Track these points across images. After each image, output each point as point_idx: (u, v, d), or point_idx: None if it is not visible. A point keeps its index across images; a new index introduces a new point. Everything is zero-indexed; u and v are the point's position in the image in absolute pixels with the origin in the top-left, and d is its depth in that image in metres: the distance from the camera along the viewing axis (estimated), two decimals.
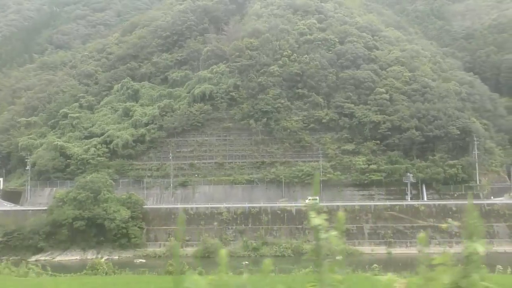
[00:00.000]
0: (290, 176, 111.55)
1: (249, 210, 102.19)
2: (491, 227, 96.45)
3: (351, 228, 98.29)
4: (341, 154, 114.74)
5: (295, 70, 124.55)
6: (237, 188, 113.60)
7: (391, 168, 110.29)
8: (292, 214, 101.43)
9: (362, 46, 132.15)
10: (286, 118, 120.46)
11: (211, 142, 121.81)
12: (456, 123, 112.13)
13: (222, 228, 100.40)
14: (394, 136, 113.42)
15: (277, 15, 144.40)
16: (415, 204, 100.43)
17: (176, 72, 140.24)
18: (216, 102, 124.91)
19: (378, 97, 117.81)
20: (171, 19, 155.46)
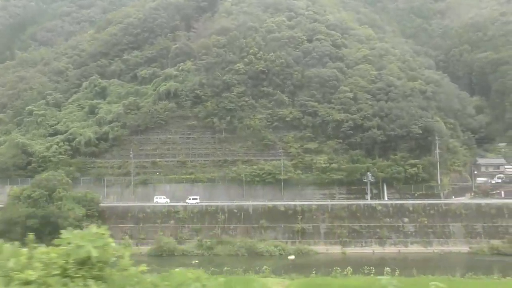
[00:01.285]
0: (251, 175, 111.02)
1: (206, 208, 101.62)
2: (447, 227, 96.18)
3: (307, 228, 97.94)
4: (304, 152, 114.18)
5: (261, 68, 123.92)
6: (198, 186, 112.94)
7: (352, 167, 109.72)
8: (249, 213, 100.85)
9: (330, 44, 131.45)
10: (250, 116, 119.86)
11: (174, 140, 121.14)
12: (418, 122, 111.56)
13: (178, 226, 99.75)
14: (356, 135, 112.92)
15: (247, 12, 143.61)
16: (372, 204, 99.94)
17: (145, 69, 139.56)
18: (181, 100, 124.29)
19: (342, 95, 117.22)
20: (142, 16, 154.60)
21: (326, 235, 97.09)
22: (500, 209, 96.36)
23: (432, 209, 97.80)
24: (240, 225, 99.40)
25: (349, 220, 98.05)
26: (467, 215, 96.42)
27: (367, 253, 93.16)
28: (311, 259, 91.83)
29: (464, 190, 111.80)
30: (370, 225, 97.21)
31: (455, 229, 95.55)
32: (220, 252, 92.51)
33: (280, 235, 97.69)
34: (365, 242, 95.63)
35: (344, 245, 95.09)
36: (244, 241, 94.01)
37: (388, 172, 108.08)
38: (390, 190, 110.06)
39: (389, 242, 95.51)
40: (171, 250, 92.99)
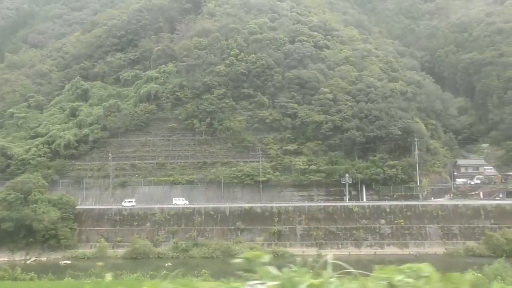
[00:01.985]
0: (229, 177, 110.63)
1: (182, 211, 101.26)
2: (424, 228, 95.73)
3: (284, 230, 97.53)
4: (283, 154, 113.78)
5: (241, 69, 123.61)
6: (176, 188, 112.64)
7: (331, 168, 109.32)
8: (225, 215, 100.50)
9: (312, 46, 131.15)
10: (230, 118, 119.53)
11: (154, 143, 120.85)
12: (398, 123, 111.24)
13: (155, 229, 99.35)
14: (335, 136, 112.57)
15: (230, 14, 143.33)
16: (349, 205, 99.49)
17: (128, 71, 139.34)
18: (162, 102, 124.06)
19: (322, 97, 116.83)
20: (126, 18, 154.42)
21: (302, 237, 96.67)
22: (477, 210, 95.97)
23: (409, 210, 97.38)
24: (217, 227, 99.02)
25: (326, 221, 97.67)
26: (444, 216, 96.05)
27: (343, 255, 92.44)
28: (287, 261, 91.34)
29: (444, 191, 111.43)
30: (346, 226, 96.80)
31: (431, 231, 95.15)
32: (196, 255, 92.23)
33: (256, 237, 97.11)
34: (341, 244, 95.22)
35: (320, 246, 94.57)
36: (220, 244, 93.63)
37: (367, 174, 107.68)
38: (369, 192, 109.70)
39: (365, 243, 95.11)
40: (147, 253, 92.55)
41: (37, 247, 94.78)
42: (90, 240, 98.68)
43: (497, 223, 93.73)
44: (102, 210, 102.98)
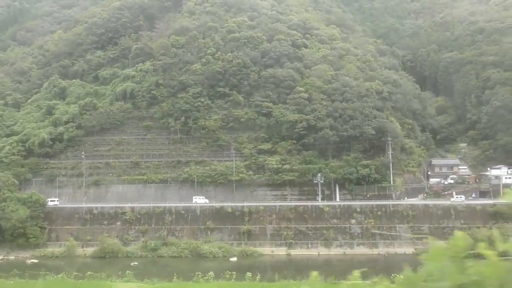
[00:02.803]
0: (203, 176, 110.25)
1: (153, 210, 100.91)
2: (394, 228, 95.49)
3: (254, 229, 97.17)
4: (257, 153, 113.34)
5: (217, 68, 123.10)
6: (150, 187, 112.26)
7: (304, 168, 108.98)
8: (196, 214, 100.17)
9: (290, 45, 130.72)
10: (206, 117, 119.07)
11: (129, 141, 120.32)
12: (372, 122, 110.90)
13: (125, 228, 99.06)
14: (309, 136, 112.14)
15: (210, 12, 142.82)
16: (319, 205, 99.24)
17: (106, 70, 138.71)
18: (137, 100, 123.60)
19: (297, 96, 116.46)
20: (107, 16, 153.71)
21: (272, 236, 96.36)
22: (447, 210, 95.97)
23: (380, 210, 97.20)
24: (187, 226, 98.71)
25: (296, 221, 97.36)
26: (414, 216, 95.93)
27: (313, 255, 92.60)
28: (254, 261, 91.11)
29: (418, 191, 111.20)
30: (317, 226, 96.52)
31: (401, 231, 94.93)
32: (164, 254, 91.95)
33: (226, 236, 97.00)
34: (311, 244, 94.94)
35: (290, 246, 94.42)
36: (189, 243, 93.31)
37: (340, 173, 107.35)
38: (343, 191, 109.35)
39: (335, 243, 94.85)
40: (115, 252, 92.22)
41: (6, 246, 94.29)
42: (60, 239, 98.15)
43: (467, 223, 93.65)
44: (73, 209, 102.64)
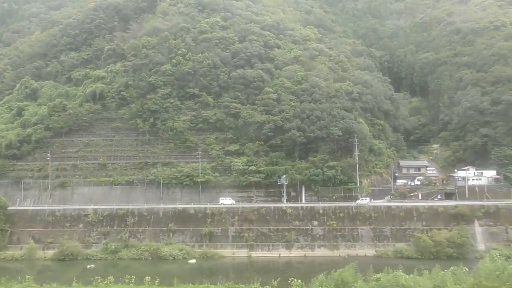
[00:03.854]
0: (169, 177, 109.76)
1: (116, 211, 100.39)
2: (356, 230, 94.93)
3: (216, 231, 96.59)
4: (225, 155, 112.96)
5: (187, 69, 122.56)
6: (116, 189, 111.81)
7: (270, 169, 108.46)
8: (159, 216, 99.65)
9: (262, 45, 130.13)
10: (174, 118, 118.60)
11: (97, 143, 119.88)
12: (339, 123, 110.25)
13: (87, 230, 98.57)
14: (277, 137, 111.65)
15: (183, 13, 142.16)
16: (282, 207, 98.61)
17: (79, 71, 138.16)
18: (107, 101, 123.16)
19: (266, 96, 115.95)
20: (81, 17, 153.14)
21: (234, 238, 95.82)
22: (409, 212, 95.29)
23: (342, 212, 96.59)
24: (149, 228, 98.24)
25: (259, 223, 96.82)
26: (377, 218, 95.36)
27: (274, 257, 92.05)
28: (213, 263, 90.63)
29: (384, 192, 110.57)
30: (279, 228, 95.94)
31: (363, 232, 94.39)
32: (125, 256, 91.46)
33: (188, 238, 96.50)
34: (272, 246, 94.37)
35: (251, 248, 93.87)
36: (149, 245, 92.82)
37: (306, 174, 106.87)
38: (308, 193, 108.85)
39: (296, 245, 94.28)
40: (75, 254, 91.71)
41: None
42: (21, 242, 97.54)
43: (429, 225, 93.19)
44: (35, 211, 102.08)
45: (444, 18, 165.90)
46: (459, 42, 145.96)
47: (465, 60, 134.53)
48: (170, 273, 79.02)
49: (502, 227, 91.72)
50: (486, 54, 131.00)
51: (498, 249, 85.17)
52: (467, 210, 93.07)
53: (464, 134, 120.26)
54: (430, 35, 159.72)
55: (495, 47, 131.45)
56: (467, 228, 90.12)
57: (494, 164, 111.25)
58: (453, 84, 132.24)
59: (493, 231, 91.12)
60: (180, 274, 77.79)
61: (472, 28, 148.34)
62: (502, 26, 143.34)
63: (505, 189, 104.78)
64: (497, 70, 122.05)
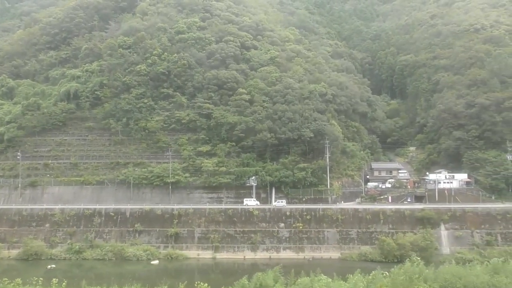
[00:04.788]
0: (139, 178, 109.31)
1: (83, 211, 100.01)
2: (322, 232, 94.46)
3: (182, 232, 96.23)
4: (197, 155, 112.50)
5: (161, 69, 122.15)
6: (86, 189, 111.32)
7: (241, 170, 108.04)
8: (125, 216, 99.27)
9: (238, 46, 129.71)
10: (148, 118, 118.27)
11: (70, 142, 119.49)
12: (311, 125, 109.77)
13: (53, 230, 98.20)
14: (248, 138, 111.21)
15: (162, 13, 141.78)
16: (249, 208, 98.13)
17: (57, 70, 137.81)
18: (81, 101, 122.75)
19: (239, 97, 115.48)
20: (61, 16, 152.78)
21: (200, 239, 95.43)
22: (376, 215, 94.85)
23: (309, 214, 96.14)
24: (115, 228, 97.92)
25: (225, 224, 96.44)
26: (344, 220, 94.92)
27: (238, 259, 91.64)
28: (177, 264, 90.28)
29: (355, 194, 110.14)
30: (245, 229, 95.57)
31: (329, 235, 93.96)
32: (89, 256, 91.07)
33: (154, 239, 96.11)
34: (237, 247, 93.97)
35: (216, 250, 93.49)
36: (114, 246, 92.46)
37: (276, 176, 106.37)
38: (279, 194, 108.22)
39: (262, 247, 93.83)
40: (39, 254, 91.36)
41: None
42: None
43: (395, 228, 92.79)
44: (2, 210, 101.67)
45: (427, 21, 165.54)
46: (439, 45, 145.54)
47: (443, 62, 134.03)
48: (123, 274, 78.65)
49: (468, 230, 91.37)
50: (464, 57, 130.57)
51: (462, 253, 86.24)
52: (434, 214, 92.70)
53: (439, 137, 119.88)
54: (412, 38, 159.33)
55: (472, 50, 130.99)
56: (432, 232, 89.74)
57: (466, 167, 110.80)
58: (430, 87, 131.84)
59: (458, 235, 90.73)
60: (134, 275, 77.25)
61: (452, 31, 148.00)
62: (482, 29, 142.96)
63: (475, 193, 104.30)
64: (473, 73, 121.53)
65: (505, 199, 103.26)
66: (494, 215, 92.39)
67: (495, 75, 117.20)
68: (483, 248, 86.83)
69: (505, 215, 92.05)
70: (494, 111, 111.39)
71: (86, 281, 46.60)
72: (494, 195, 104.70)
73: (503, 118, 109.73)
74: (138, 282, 38.88)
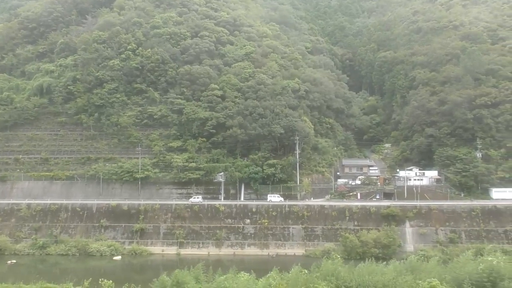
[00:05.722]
0: (109, 173, 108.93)
1: (49, 207, 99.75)
2: (288, 229, 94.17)
3: (147, 228, 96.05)
4: (168, 151, 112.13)
5: (135, 64, 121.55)
6: (56, 184, 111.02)
7: (210, 166, 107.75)
8: (92, 211, 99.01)
9: (214, 41, 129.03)
10: (120, 113, 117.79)
11: (42, 137, 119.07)
12: (282, 121, 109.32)
13: (19, 225, 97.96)
14: (219, 134, 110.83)
15: (139, 7, 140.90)
16: (215, 204, 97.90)
17: (33, 64, 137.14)
18: (54, 96, 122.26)
19: (211, 93, 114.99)
20: (40, 10, 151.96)
21: (165, 235, 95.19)
22: (342, 212, 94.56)
23: (275, 210, 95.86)
24: (81, 224, 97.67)
25: (191, 220, 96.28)
26: (309, 217, 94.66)
27: (203, 255, 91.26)
28: (139, 260, 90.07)
29: (325, 191, 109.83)
30: (210, 225, 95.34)
31: (295, 232, 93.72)
32: (53, 252, 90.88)
33: (119, 234, 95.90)
34: (202, 243, 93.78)
35: (181, 246, 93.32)
36: (78, 241, 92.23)
37: (246, 172, 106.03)
38: (248, 190, 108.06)
39: (227, 243, 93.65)
40: (2, 249, 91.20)
41: None
42: None
43: (360, 225, 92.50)
44: None
45: (408, 17, 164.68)
46: (418, 41, 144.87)
47: (421, 59, 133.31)
48: (81, 271, 78.84)
49: (433, 228, 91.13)
50: (441, 53, 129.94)
51: (424, 250, 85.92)
52: (399, 211, 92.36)
53: (412, 134, 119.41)
54: (393, 34, 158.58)
55: (449, 46, 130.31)
56: (396, 229, 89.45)
57: (437, 164, 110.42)
58: (407, 84, 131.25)
59: (423, 232, 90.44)
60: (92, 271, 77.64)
61: (432, 27, 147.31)
62: (460, 25, 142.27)
63: (444, 190, 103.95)
64: (448, 70, 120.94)
65: (474, 196, 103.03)
66: (459, 213, 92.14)
67: (468, 72, 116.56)
68: (446, 246, 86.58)
69: (470, 212, 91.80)
70: (466, 108, 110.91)
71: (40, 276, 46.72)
72: (463, 192, 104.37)
73: (474, 115, 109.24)
74: (90, 278, 38.93)
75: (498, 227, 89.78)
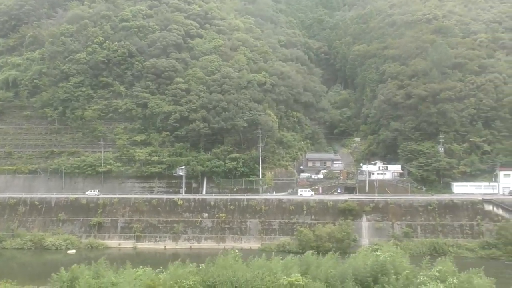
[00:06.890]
0: (72, 167, 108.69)
1: (7, 200, 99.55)
2: (245, 223, 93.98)
3: (105, 222, 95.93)
4: (131, 145, 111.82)
5: (101, 57, 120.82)
6: (19, 178, 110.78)
7: (172, 160, 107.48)
8: (50, 205, 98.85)
9: (183, 35, 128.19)
10: (85, 107, 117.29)
11: (6, 131, 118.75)
12: (245, 115, 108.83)
13: None
14: (182, 128, 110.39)
15: (110, 1, 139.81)
16: (174, 198, 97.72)
17: (3, 58, 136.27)
18: (20, 89, 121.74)
19: (175, 87, 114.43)
20: (11, 3, 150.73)
21: (123, 229, 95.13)
22: (300, 206, 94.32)
23: (233, 204, 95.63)
24: (39, 218, 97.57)
25: (149, 214, 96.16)
26: (267, 211, 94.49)
27: (159, 248, 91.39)
28: (94, 253, 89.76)
29: (288, 185, 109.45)
30: (168, 219, 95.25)
31: (252, 225, 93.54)
32: (8, 246, 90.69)
33: (77, 228, 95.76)
34: (159, 237, 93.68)
35: (138, 239, 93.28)
36: (34, 235, 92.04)
37: (208, 166, 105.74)
38: (210, 184, 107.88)
39: (184, 237, 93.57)
40: None
41: None
42: None
43: (317, 219, 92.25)
44: None
45: (385, 10, 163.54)
46: (392, 35, 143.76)
47: (392, 52, 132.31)
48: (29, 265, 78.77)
49: (389, 222, 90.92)
50: (411, 47, 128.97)
51: (378, 245, 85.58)
52: (356, 205, 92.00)
53: (379, 128, 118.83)
54: (368, 27, 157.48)
55: (420, 40, 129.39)
56: (352, 223, 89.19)
57: (402, 159, 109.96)
58: (377, 77, 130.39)
59: (379, 226, 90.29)
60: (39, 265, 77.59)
61: (406, 21, 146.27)
62: (434, 19, 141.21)
63: (405, 184, 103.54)
64: (416, 64, 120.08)
65: (436, 191, 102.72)
66: (416, 207, 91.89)
67: (435, 65, 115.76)
68: (401, 240, 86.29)
69: (426, 207, 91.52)
70: (430, 102, 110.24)
71: None
72: (425, 186, 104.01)
73: (438, 109, 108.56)
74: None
75: (454, 222, 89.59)
